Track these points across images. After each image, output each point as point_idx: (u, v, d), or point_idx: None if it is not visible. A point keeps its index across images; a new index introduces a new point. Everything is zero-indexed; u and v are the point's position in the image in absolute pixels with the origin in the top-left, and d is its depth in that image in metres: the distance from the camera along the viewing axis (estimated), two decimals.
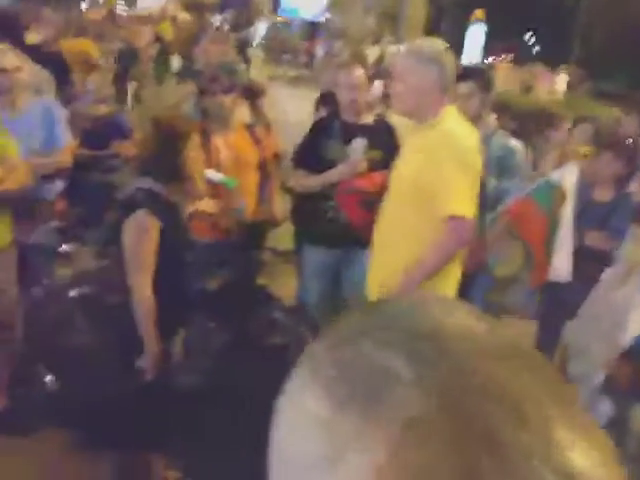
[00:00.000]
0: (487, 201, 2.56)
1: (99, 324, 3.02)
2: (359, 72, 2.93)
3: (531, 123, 5.33)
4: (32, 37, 5.33)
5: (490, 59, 28.48)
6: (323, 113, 4.06)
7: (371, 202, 2.90)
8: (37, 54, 4.89)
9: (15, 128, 2.81)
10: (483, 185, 2.36)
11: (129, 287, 2.18)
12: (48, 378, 3.03)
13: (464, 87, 2.80)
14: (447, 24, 32.29)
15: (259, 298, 3.38)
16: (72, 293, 3.07)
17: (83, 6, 26.27)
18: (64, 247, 2.96)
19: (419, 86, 2.15)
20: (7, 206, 2.57)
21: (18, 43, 3.74)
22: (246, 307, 3.38)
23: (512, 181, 2.84)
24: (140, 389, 2.30)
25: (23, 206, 2.80)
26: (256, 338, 3.53)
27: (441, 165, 2.08)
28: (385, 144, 2.87)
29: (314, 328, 3.40)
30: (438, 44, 2.23)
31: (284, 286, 4.41)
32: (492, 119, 2.94)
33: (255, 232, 3.39)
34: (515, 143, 2.95)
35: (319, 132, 3.09)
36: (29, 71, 3.16)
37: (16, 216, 2.75)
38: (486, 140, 2.48)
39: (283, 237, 4.01)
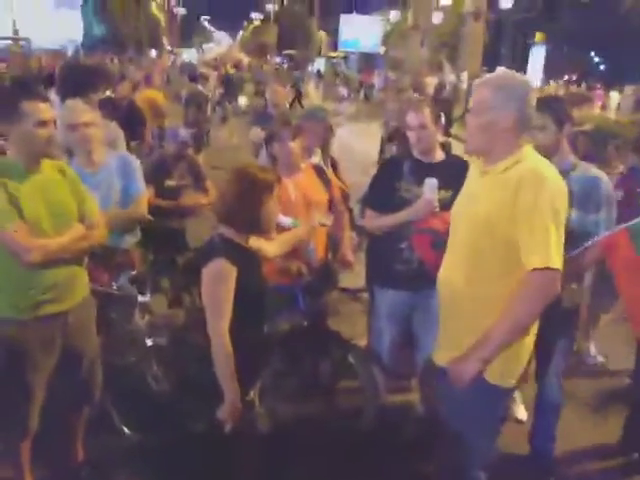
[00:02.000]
0: (572, 238, 2.38)
1: (175, 372, 3.04)
2: (426, 112, 2.88)
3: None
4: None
5: (552, 81, 27.95)
6: (391, 151, 4.04)
7: (444, 242, 2.81)
8: (111, 107, 5.13)
9: (93, 182, 2.92)
10: (566, 220, 2.18)
11: (207, 334, 2.18)
12: (125, 429, 3.06)
13: (537, 119, 2.64)
14: (506, 49, 31.98)
15: (331, 341, 3.33)
16: (149, 342, 3.12)
17: (152, 54, 27.70)
18: (141, 298, 3.00)
19: (495, 123, 2.00)
20: (86, 259, 2.63)
21: (92, 98, 3.92)
22: (318, 350, 3.32)
23: (599, 214, 2.64)
24: (219, 438, 2.26)
25: (101, 257, 2.89)
26: (329, 381, 3.47)
27: (528, 208, 1.91)
28: (457, 183, 2.78)
29: (386, 371, 3.31)
30: (518, 76, 2.07)
31: (354, 325, 4.35)
32: (569, 151, 2.77)
33: (326, 274, 3.33)
34: (598, 172, 2.76)
35: (390, 172, 3.04)
36: (102, 126, 3.28)
37: (94, 267, 2.83)
38: (565, 175, 2.31)
39: (352, 275, 3.95)
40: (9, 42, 25.82)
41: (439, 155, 2.99)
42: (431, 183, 2.79)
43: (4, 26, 25.94)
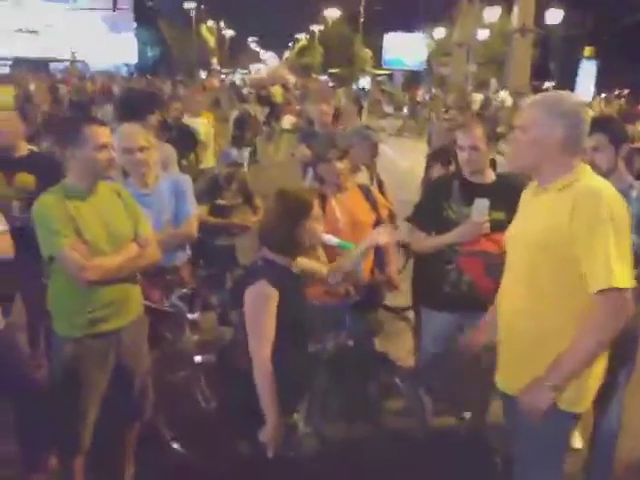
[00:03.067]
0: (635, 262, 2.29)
1: (222, 390, 3.07)
2: (478, 132, 2.85)
3: None
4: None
5: (603, 95, 27.26)
6: (438, 170, 4.01)
7: (496, 265, 2.77)
8: (164, 129, 5.30)
9: (146, 203, 3.01)
10: None
11: (250, 356, 2.19)
12: (175, 444, 3.10)
13: (592, 140, 2.58)
14: (556, 65, 31.44)
15: (377, 362, 3.31)
16: (197, 359, 3.17)
17: (202, 75, 28.41)
18: (191, 316, 3.06)
19: (543, 141, 1.94)
20: (139, 278, 2.70)
21: (147, 121, 4.06)
22: (364, 371, 3.31)
23: None
24: (262, 461, 2.26)
25: (153, 275, 2.96)
26: (375, 402, 3.44)
27: (585, 226, 1.83)
28: (509, 204, 2.74)
29: (433, 394, 3.26)
30: (569, 96, 2.02)
31: (400, 344, 4.31)
32: (626, 172, 2.69)
33: (372, 294, 3.33)
34: None
35: (438, 191, 3.03)
36: (156, 148, 3.38)
37: (147, 284, 2.91)
38: (623, 195, 2.23)
39: (398, 294, 3.92)
40: (67, 64, 27.04)
41: (490, 175, 2.95)
42: (481, 204, 2.76)
43: (63, 49, 27.13)
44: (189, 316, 3.08)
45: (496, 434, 3.12)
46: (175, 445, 3.10)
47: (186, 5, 40.90)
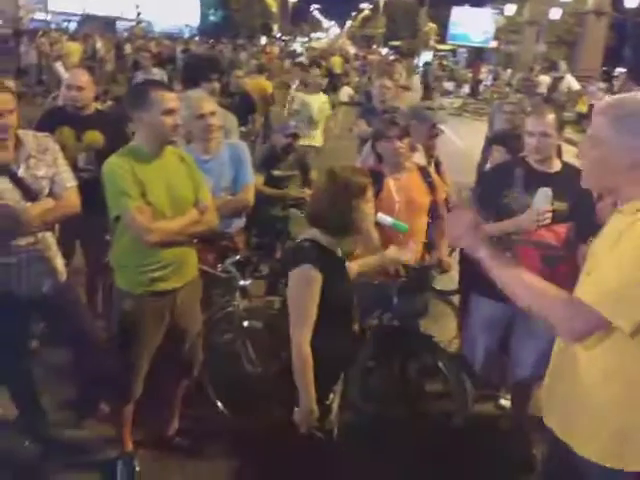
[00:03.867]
0: None
1: (265, 357, 3.14)
2: (550, 118, 2.76)
3: None
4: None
5: None
6: (499, 154, 3.92)
7: (554, 257, 2.72)
8: (225, 95, 5.35)
9: (207, 168, 3.07)
10: None
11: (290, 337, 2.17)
12: (218, 403, 3.22)
13: None
14: (629, 50, 29.83)
15: (422, 344, 3.32)
16: (245, 324, 3.25)
17: (262, 41, 28.35)
18: (242, 282, 3.14)
19: (608, 158, 1.65)
20: (196, 242, 2.78)
21: (212, 86, 4.12)
22: (408, 352, 3.33)
23: None
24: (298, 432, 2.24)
25: (209, 240, 3.04)
26: (416, 384, 3.46)
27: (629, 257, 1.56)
28: (573, 195, 2.66)
29: (477, 379, 3.26)
30: None
31: (444, 328, 4.30)
32: None
33: (422, 276, 3.32)
34: None
35: (499, 178, 2.96)
36: (219, 114, 3.43)
37: (202, 248, 2.99)
38: None
39: (445, 277, 3.90)
40: (133, 23, 27.44)
41: (556, 164, 2.86)
42: (544, 193, 2.68)
43: (129, 8, 27.52)
44: (240, 282, 3.15)
45: (536, 426, 3.10)
46: (219, 405, 3.22)
47: None
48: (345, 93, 12.98)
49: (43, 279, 2.70)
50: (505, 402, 3.55)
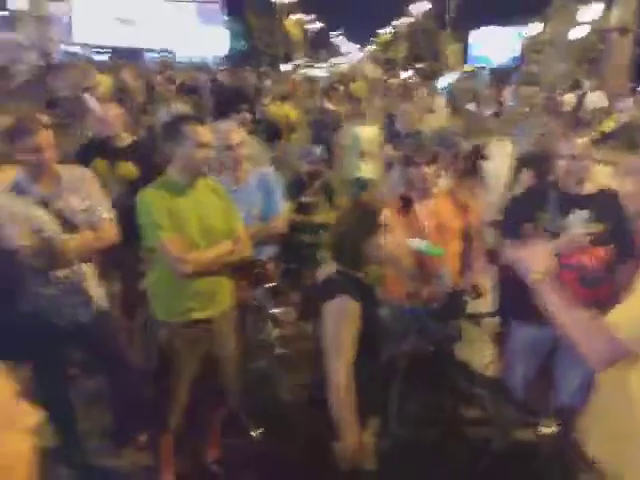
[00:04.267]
0: None
1: (298, 386, 3.12)
2: (584, 142, 2.74)
3: None
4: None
5: None
6: (529, 176, 3.89)
7: (593, 280, 2.67)
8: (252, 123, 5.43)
9: (237, 198, 3.10)
10: None
11: (326, 372, 2.10)
12: (256, 431, 3.20)
13: None
14: None
15: (457, 370, 3.27)
16: (277, 351, 3.25)
17: (286, 67, 28.77)
18: (275, 310, 3.15)
19: None
20: (232, 272, 2.80)
21: (242, 116, 4.19)
22: (443, 379, 3.28)
23: None
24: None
25: (242, 268, 3.06)
26: (453, 411, 3.40)
27: None
28: (610, 217, 2.63)
29: (516, 405, 3.19)
30: None
31: (479, 353, 4.23)
32: None
33: (456, 301, 3.29)
34: None
35: (531, 201, 2.93)
36: (248, 144, 3.48)
37: (236, 277, 3.01)
38: None
39: (481, 300, 3.84)
40: (160, 54, 28.11)
41: (589, 186, 2.83)
42: (581, 216, 2.66)
43: (156, 40, 28.23)
44: (272, 310, 3.16)
45: (577, 452, 3.02)
46: (254, 433, 3.20)
47: None
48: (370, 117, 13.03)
49: (80, 309, 2.75)
50: (546, 429, 3.46)
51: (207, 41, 31.89)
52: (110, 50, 28.95)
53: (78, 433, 3.00)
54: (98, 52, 30.01)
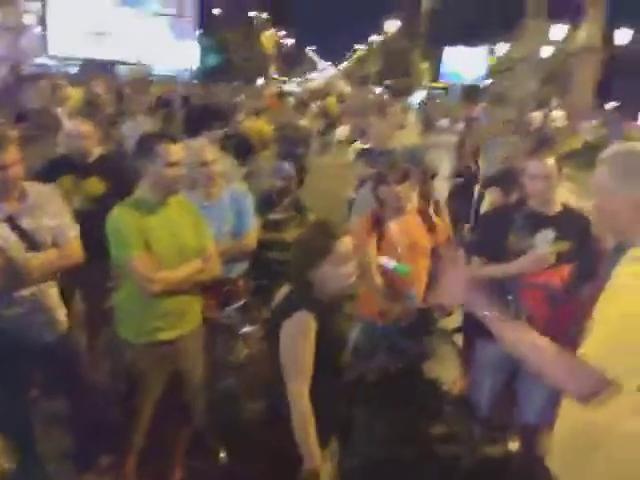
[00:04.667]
0: None
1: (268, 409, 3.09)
2: (552, 162, 2.80)
3: None
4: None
5: None
6: (496, 195, 3.95)
7: (558, 298, 2.72)
8: (225, 140, 5.41)
9: (209, 214, 3.09)
10: None
11: (287, 393, 2.05)
12: (222, 454, 3.15)
13: None
14: (620, 85, 30.40)
15: (427, 387, 3.28)
16: (248, 370, 3.22)
17: (259, 82, 28.85)
18: (245, 329, 3.12)
19: (608, 206, 1.71)
20: (200, 290, 2.78)
21: (213, 134, 4.18)
22: (412, 396, 3.29)
23: None
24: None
25: (211, 286, 3.03)
26: (422, 429, 3.41)
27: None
28: (574, 236, 2.69)
29: (483, 422, 3.21)
30: None
31: (448, 369, 4.26)
32: None
33: (425, 318, 3.31)
34: None
35: (500, 220, 2.98)
36: (221, 161, 3.47)
37: (204, 295, 2.98)
38: None
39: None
40: (133, 67, 27.93)
41: (555, 206, 2.88)
42: (547, 235, 2.71)
43: (129, 53, 28.07)
44: (243, 329, 3.14)
45: (543, 469, 3.05)
46: (221, 454, 3.16)
47: (250, 13, 41.75)
48: (342, 132, 13.14)
49: (45, 329, 2.69)
50: (513, 444, 3.49)
51: (181, 54, 31.82)
52: (82, 62, 28.68)
53: (38, 455, 2.92)
54: (69, 64, 29.71)
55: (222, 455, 3.16)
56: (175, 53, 31.25)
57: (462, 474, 3.10)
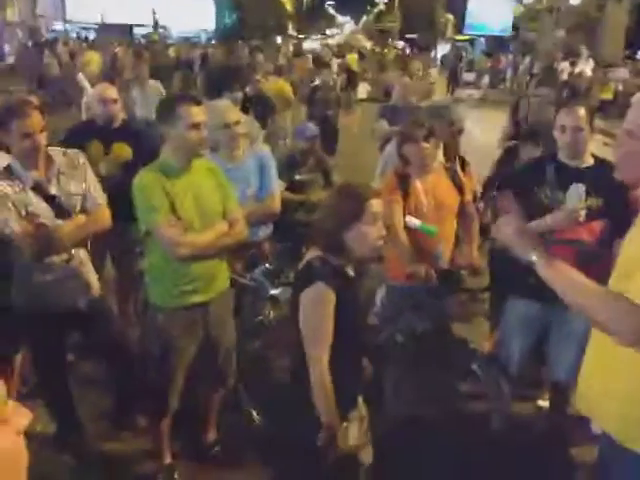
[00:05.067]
0: None
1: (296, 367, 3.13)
2: (582, 112, 2.69)
3: None
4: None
5: None
6: (529, 149, 3.84)
7: (589, 254, 2.66)
8: (246, 100, 5.36)
9: (233, 176, 3.06)
10: None
11: (307, 360, 2.05)
12: (254, 413, 3.22)
13: None
14: None
15: (455, 347, 3.29)
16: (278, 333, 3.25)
17: (278, 40, 28.35)
18: (273, 291, 3.14)
19: None
20: (227, 253, 2.78)
21: (234, 95, 4.14)
22: (441, 356, 3.29)
23: None
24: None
25: (238, 249, 3.04)
26: (451, 388, 3.43)
27: None
28: (607, 190, 2.60)
29: (512, 380, 3.21)
30: None
31: (477, 329, 4.26)
32: None
33: (452, 278, 3.28)
34: None
35: (529, 175, 2.90)
36: (244, 122, 3.43)
37: (232, 258, 2.99)
38: None
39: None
40: (150, 30, 27.68)
41: (588, 159, 2.78)
42: (578, 190, 2.62)
43: (146, 15, 27.75)
44: (270, 291, 3.15)
45: (576, 426, 3.05)
46: (254, 413, 3.22)
47: None
48: (363, 90, 12.90)
49: (78, 295, 2.75)
50: (543, 403, 3.50)
51: (198, 16, 31.36)
52: (99, 26, 28.45)
53: (77, 417, 3.01)
54: (87, 29, 29.51)
55: (255, 415, 3.22)
56: (192, 14, 30.83)
57: (492, 432, 3.13)
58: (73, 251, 2.70)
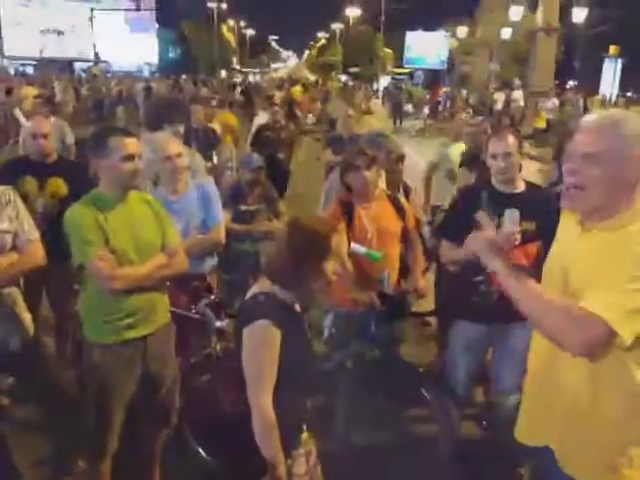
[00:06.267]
0: None
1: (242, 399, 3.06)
2: (511, 139, 2.81)
3: None
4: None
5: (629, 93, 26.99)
6: (466, 176, 3.97)
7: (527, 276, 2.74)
8: (190, 134, 5.33)
9: (176, 209, 3.04)
10: None
11: (248, 402, 1.96)
12: (201, 451, 3.11)
13: None
14: (580, 63, 31.00)
15: (403, 371, 3.29)
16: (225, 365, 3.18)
17: (222, 74, 28.50)
18: (219, 323, 3.07)
19: (622, 175, 1.66)
20: (167, 286, 2.72)
21: (176, 128, 4.11)
22: (391, 381, 3.29)
23: None
24: None
25: (180, 282, 2.98)
26: (401, 413, 3.43)
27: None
28: (539, 214, 2.71)
29: (459, 402, 3.24)
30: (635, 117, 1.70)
31: (424, 351, 4.30)
32: None
33: (398, 302, 3.31)
34: None
35: (467, 201, 2.99)
36: (185, 155, 3.40)
37: (174, 291, 2.93)
38: None
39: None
40: (91, 64, 27.37)
41: (520, 184, 2.90)
42: (512, 214, 2.71)
43: (87, 50, 27.46)
44: (216, 324, 3.09)
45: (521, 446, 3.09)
46: (200, 451, 3.12)
47: (209, 4, 41.12)
48: (308, 121, 13.07)
49: (10, 336, 2.61)
50: (485, 423, 3.54)
51: (140, 50, 31.24)
52: (39, 61, 27.94)
53: (13, 465, 2.84)
54: (25, 64, 28.91)
55: (201, 453, 3.12)
56: (134, 48, 30.68)
57: (441, 455, 3.12)
58: (5, 290, 2.58)
